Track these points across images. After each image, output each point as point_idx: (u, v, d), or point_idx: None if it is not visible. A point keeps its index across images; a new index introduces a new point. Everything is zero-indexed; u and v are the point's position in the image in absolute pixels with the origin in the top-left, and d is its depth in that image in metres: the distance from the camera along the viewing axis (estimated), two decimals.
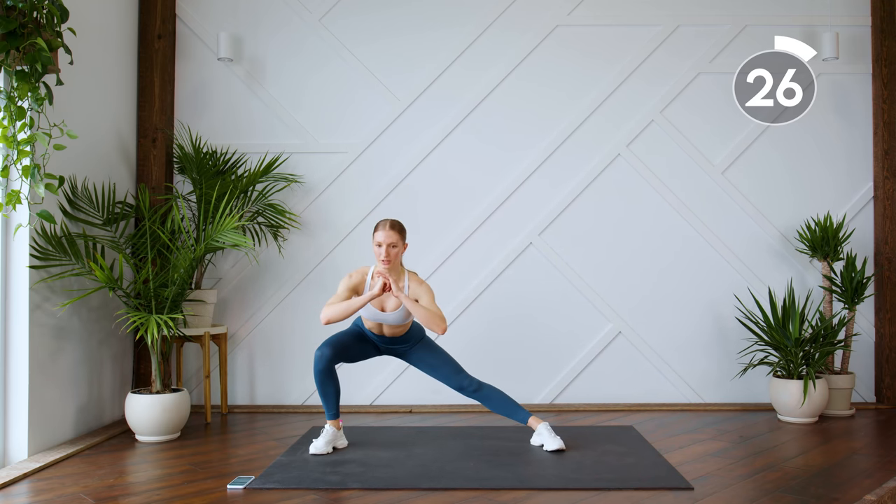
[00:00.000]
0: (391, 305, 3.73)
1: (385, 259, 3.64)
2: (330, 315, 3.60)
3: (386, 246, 3.64)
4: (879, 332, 4.90)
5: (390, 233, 3.66)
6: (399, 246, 3.68)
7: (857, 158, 4.99)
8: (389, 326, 3.80)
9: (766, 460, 3.60)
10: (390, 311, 3.73)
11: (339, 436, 3.81)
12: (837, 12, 4.96)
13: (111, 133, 4.53)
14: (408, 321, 3.80)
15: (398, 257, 3.69)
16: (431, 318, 3.58)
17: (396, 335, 3.84)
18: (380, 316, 3.73)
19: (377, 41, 5.01)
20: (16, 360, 3.66)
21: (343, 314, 3.60)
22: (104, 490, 3.18)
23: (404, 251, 3.74)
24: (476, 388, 3.82)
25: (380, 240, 3.66)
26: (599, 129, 4.99)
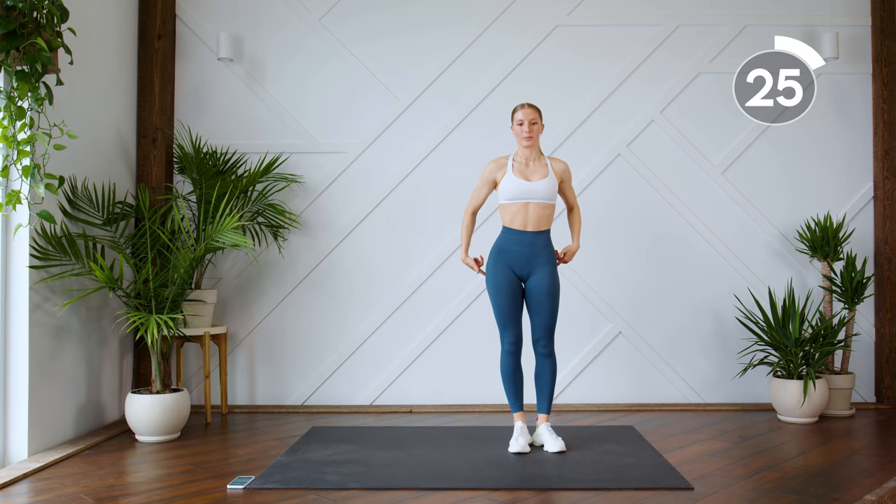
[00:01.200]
0: (538, 175, 3.80)
1: (528, 135, 3.78)
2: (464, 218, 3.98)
3: (528, 123, 3.79)
4: (879, 332, 4.90)
5: (530, 110, 3.80)
6: (539, 123, 3.82)
7: (857, 158, 4.99)
8: (536, 207, 3.77)
9: (766, 460, 3.60)
10: (537, 180, 3.78)
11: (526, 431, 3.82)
12: (837, 12, 4.96)
13: (111, 133, 4.53)
14: (553, 200, 3.82)
15: (538, 134, 3.83)
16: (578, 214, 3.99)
17: (541, 226, 3.81)
18: (527, 189, 3.75)
19: (377, 41, 5.01)
20: (16, 360, 3.66)
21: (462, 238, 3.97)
22: (104, 490, 3.18)
23: (542, 130, 3.88)
24: (546, 354, 3.86)
25: (521, 118, 3.80)
26: (599, 129, 4.99)
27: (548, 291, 3.81)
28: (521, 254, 3.80)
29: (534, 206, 3.77)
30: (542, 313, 3.82)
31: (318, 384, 4.93)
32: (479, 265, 3.92)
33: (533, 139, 3.79)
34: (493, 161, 3.89)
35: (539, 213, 3.78)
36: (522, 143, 3.81)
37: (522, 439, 3.73)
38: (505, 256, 3.82)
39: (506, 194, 3.79)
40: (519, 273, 3.84)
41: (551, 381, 3.86)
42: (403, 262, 4.96)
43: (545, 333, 3.83)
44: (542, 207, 3.78)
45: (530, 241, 3.80)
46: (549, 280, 3.82)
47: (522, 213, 3.78)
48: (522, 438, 3.74)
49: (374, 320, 4.94)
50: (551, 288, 3.82)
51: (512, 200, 3.78)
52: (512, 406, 3.88)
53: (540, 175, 3.79)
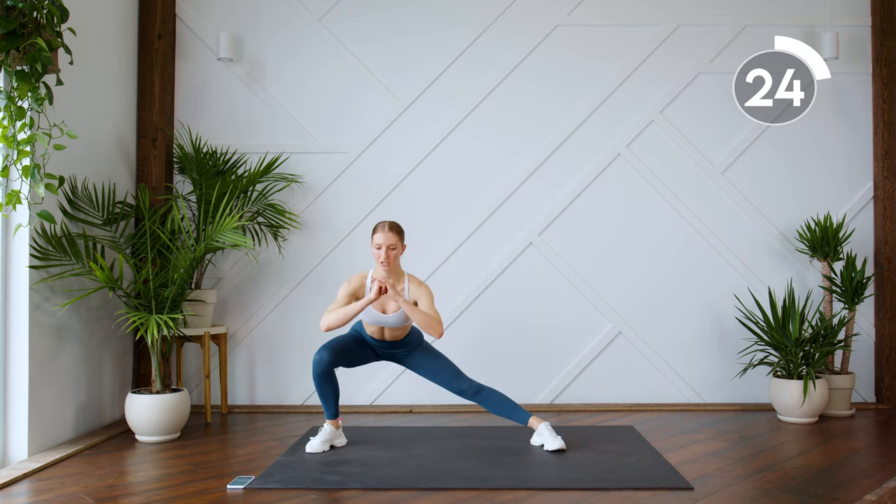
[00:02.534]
0: (392, 307, 3.74)
1: (385, 261, 3.66)
2: (330, 322, 3.62)
3: (385, 248, 3.66)
4: (879, 332, 4.90)
5: (389, 234, 3.68)
6: (398, 247, 3.70)
7: (857, 158, 4.99)
8: (390, 330, 3.80)
9: (766, 460, 3.60)
10: (391, 313, 3.73)
11: (337, 434, 3.83)
12: (837, 12, 4.96)
13: (111, 133, 4.53)
14: (408, 324, 3.80)
15: (397, 259, 3.71)
16: (429, 323, 3.60)
17: (397, 339, 3.85)
18: (380, 318, 3.74)
19: (377, 41, 5.01)
20: (16, 360, 3.66)
21: (343, 320, 3.61)
22: (104, 490, 3.18)
23: (403, 252, 3.75)
24: (476, 391, 3.83)
25: (379, 242, 3.67)
26: (599, 129, 4.99)
27: (427, 359, 3.88)
28: (382, 351, 3.90)
29: (388, 329, 3.81)
30: (440, 373, 3.86)
31: None
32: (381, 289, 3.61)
33: (391, 264, 3.68)
34: (350, 281, 3.75)
35: (394, 333, 3.83)
36: (379, 267, 3.72)
37: (318, 440, 3.74)
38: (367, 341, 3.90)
39: (362, 315, 3.76)
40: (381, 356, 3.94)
41: (504, 401, 3.85)
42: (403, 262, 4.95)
43: (458, 381, 3.84)
44: (396, 329, 3.81)
45: (389, 346, 3.88)
46: (423, 354, 3.89)
47: (379, 332, 3.83)
48: (319, 439, 3.74)
49: None
50: (426, 355, 3.89)
51: (367, 322, 3.80)
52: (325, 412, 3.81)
53: (395, 305, 3.71)
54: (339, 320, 3.61)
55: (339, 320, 3.61)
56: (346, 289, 3.73)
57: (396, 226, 3.74)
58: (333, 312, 3.63)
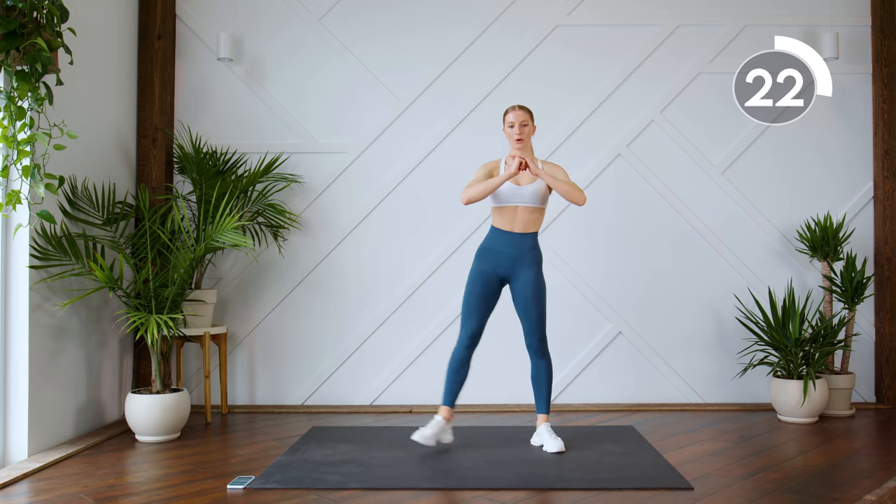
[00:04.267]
0: (527, 180, 3.79)
1: (518, 137, 3.77)
2: (471, 194, 3.71)
3: (518, 125, 3.77)
4: (879, 332, 4.90)
5: (520, 112, 3.80)
6: (529, 125, 3.82)
7: (857, 158, 4.99)
8: (524, 211, 3.77)
9: (766, 460, 3.60)
10: (525, 183, 3.77)
11: (446, 429, 3.79)
12: (837, 12, 4.96)
13: (111, 133, 4.53)
14: (542, 205, 3.81)
15: (530, 136, 3.83)
16: (571, 190, 3.70)
17: (529, 229, 3.80)
18: (516, 193, 3.74)
19: (377, 41, 5.01)
20: (16, 360, 3.66)
21: (484, 192, 3.69)
22: (104, 490, 3.18)
23: (534, 132, 3.87)
24: (541, 355, 3.85)
25: (512, 120, 3.79)
26: (599, 129, 4.99)
27: (534, 293, 3.80)
28: (506, 254, 3.80)
29: (522, 209, 3.78)
30: (531, 316, 3.82)
31: (317, 384, 4.93)
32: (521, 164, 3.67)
33: (524, 141, 3.78)
34: (485, 164, 3.87)
35: (527, 217, 3.79)
36: (514, 145, 3.80)
37: (430, 431, 3.71)
38: (489, 255, 3.82)
39: (495, 197, 3.78)
40: (502, 274, 3.83)
41: (548, 382, 3.86)
42: (403, 262, 4.96)
43: (537, 335, 3.83)
44: (530, 211, 3.78)
45: (517, 242, 3.80)
46: (535, 282, 3.81)
47: (511, 216, 3.79)
48: (430, 431, 3.71)
49: (374, 320, 4.94)
50: (537, 289, 3.81)
51: (500, 203, 3.79)
52: (443, 398, 3.81)
53: (529, 179, 3.78)
54: (480, 192, 3.69)
55: (480, 192, 3.69)
56: (483, 169, 3.85)
57: (526, 106, 3.86)
58: (474, 186, 3.72)
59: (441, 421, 3.76)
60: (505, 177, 3.67)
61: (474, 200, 3.70)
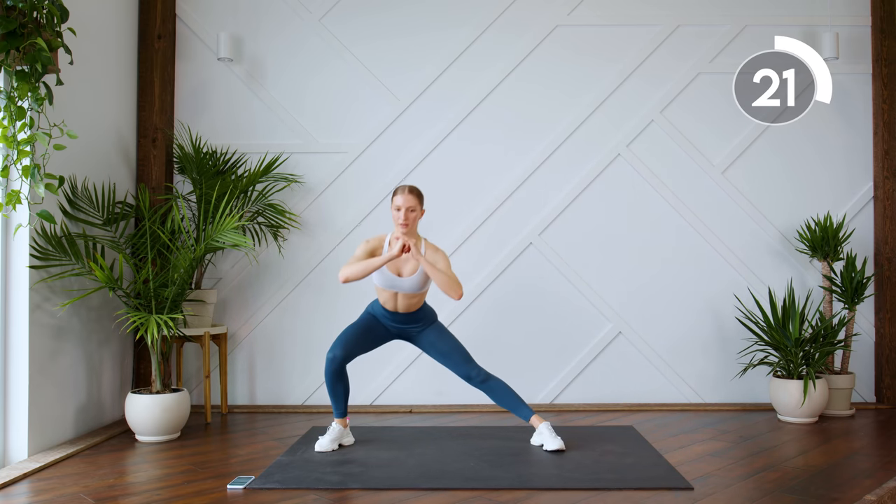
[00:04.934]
0: (408, 270, 3.75)
1: (403, 223, 3.69)
2: (349, 273, 3.65)
3: (405, 210, 3.70)
4: (879, 332, 4.90)
5: (409, 197, 3.72)
6: (417, 210, 3.75)
7: (857, 158, 4.99)
8: (404, 297, 3.78)
9: (766, 460, 3.60)
10: (407, 275, 3.74)
11: (345, 433, 3.85)
12: (837, 12, 4.96)
13: (111, 133, 4.53)
14: (422, 290, 3.80)
15: (416, 222, 3.76)
16: (449, 282, 3.62)
17: (410, 310, 3.83)
18: (396, 282, 3.73)
19: (377, 41, 5.01)
20: (16, 360, 3.66)
21: (362, 272, 3.64)
22: (104, 490, 3.18)
23: (421, 217, 3.80)
24: (483, 379, 3.83)
25: (399, 203, 3.71)
26: (599, 129, 4.99)
27: (441, 342, 3.86)
28: (394, 327, 3.88)
29: (402, 295, 3.79)
30: (453, 356, 3.85)
31: (318, 384, 4.93)
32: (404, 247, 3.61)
33: (409, 227, 3.71)
34: (368, 241, 3.80)
35: (407, 302, 3.81)
36: (398, 229, 3.73)
37: (328, 438, 3.75)
38: (378, 320, 3.89)
39: (376, 279, 3.77)
40: (392, 336, 3.92)
41: (509, 393, 3.85)
42: None
43: (468, 366, 3.83)
44: (409, 297, 3.80)
45: (402, 319, 3.86)
46: (436, 335, 3.88)
47: (392, 300, 3.81)
48: (328, 437, 3.76)
49: None
50: (441, 338, 3.87)
51: (381, 286, 3.79)
52: (335, 411, 3.83)
53: (410, 269, 3.74)
54: (358, 272, 3.64)
55: (358, 272, 3.64)
56: (364, 247, 3.77)
57: (416, 189, 3.78)
58: (354, 265, 3.66)
59: (339, 428, 3.81)
60: (386, 258, 3.62)
61: (352, 279, 3.64)
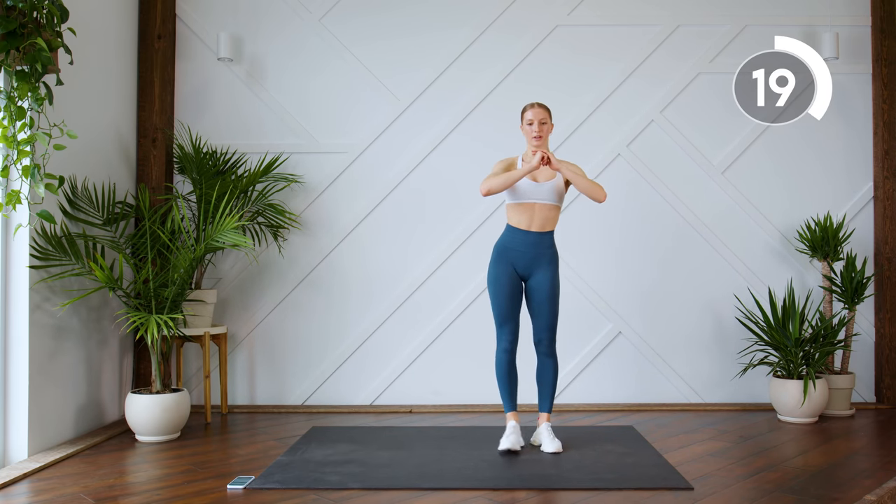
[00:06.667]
0: (544, 177, 3.79)
1: (538, 135, 3.76)
2: (490, 186, 3.70)
3: (537, 122, 3.77)
4: (879, 332, 4.90)
5: (539, 110, 3.79)
6: (549, 123, 3.81)
7: (857, 158, 4.99)
8: (541, 209, 3.76)
9: (766, 460, 3.60)
10: (543, 180, 3.77)
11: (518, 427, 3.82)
12: (837, 12, 4.96)
13: (111, 133, 4.53)
14: (558, 203, 3.81)
15: (548, 134, 3.82)
16: (591, 186, 3.73)
17: (545, 228, 3.80)
18: (535, 190, 3.74)
19: (377, 41, 5.01)
20: (16, 360, 3.66)
21: (504, 184, 3.68)
22: (104, 490, 3.18)
23: (552, 130, 3.85)
24: (548, 354, 3.86)
25: (531, 117, 3.78)
26: (599, 128, 4.99)
27: (549, 293, 3.82)
28: (525, 254, 3.80)
29: (539, 206, 3.77)
30: (544, 314, 3.82)
31: (318, 384, 4.93)
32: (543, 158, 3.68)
33: (542, 139, 3.78)
34: (502, 160, 3.88)
35: (545, 215, 3.79)
36: (532, 142, 3.79)
37: (514, 437, 3.73)
38: (508, 255, 3.82)
39: (512, 194, 3.78)
40: (521, 272, 3.83)
41: (553, 381, 3.87)
42: (404, 262, 4.96)
43: (547, 334, 3.83)
44: (548, 209, 3.78)
45: (535, 241, 3.80)
46: (551, 282, 3.83)
47: (528, 214, 3.78)
48: (514, 436, 3.73)
49: (374, 320, 4.94)
50: (552, 289, 3.83)
51: (518, 200, 3.78)
52: (505, 405, 3.86)
53: (547, 176, 3.79)
54: (500, 184, 3.67)
55: (500, 184, 3.67)
56: (501, 164, 3.83)
57: (544, 104, 3.85)
58: (494, 178, 3.71)
59: (514, 425, 3.79)
60: (526, 170, 3.67)
61: (494, 192, 3.70)
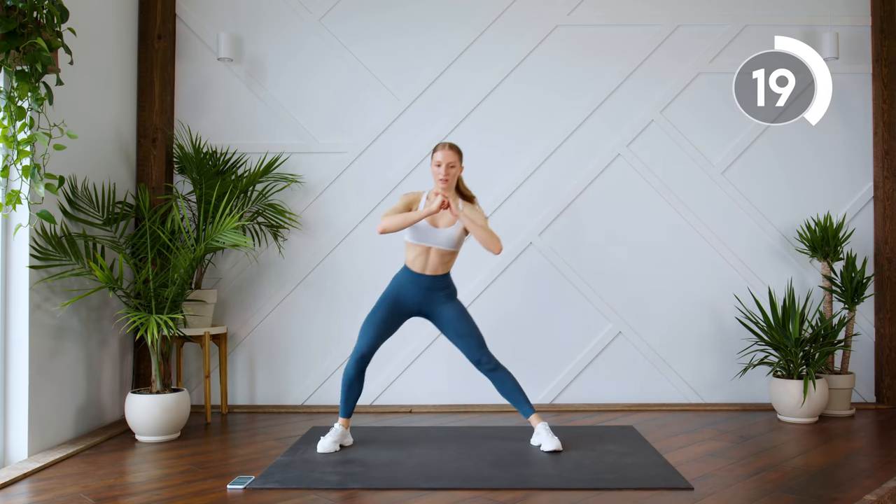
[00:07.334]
0: (444, 222, 3.74)
1: (444, 178, 3.70)
2: (387, 224, 3.65)
3: (445, 165, 3.71)
4: (879, 332, 4.90)
5: (449, 152, 3.72)
6: (457, 166, 3.75)
7: (857, 158, 4.99)
8: (436, 254, 3.74)
9: (766, 460, 3.60)
10: (443, 226, 3.73)
11: (345, 434, 3.85)
12: (837, 12, 4.96)
13: (111, 133, 4.53)
14: (455, 249, 3.77)
15: (455, 178, 3.76)
16: (488, 237, 3.63)
17: (438, 272, 3.79)
18: (431, 235, 3.71)
19: (377, 41, 5.01)
20: (16, 360, 3.66)
21: (400, 225, 3.64)
22: (104, 490, 3.18)
23: (460, 173, 3.79)
24: (492, 368, 3.81)
25: (439, 159, 3.72)
26: (599, 129, 4.99)
27: (459, 318, 3.82)
28: (417, 294, 3.80)
29: (435, 251, 3.75)
30: (466, 335, 3.81)
31: (318, 384, 4.93)
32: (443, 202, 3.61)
33: (448, 182, 3.71)
34: (406, 195, 3.81)
35: (439, 259, 3.77)
36: (438, 185, 3.72)
37: (330, 439, 3.74)
38: (400, 291, 3.82)
39: (411, 232, 3.75)
40: (417, 311, 3.85)
41: (516, 386, 3.84)
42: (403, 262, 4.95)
43: (480, 351, 3.81)
44: (443, 254, 3.76)
45: (427, 284, 3.79)
46: (456, 309, 3.83)
47: (423, 257, 3.77)
48: (330, 438, 3.75)
49: None
50: (460, 314, 3.83)
51: (414, 241, 3.76)
52: (341, 411, 3.82)
53: (447, 222, 3.73)
54: (396, 224, 3.63)
55: (396, 224, 3.63)
56: (403, 200, 3.79)
57: (456, 146, 3.78)
58: (392, 217, 3.66)
59: (340, 429, 3.80)
60: (424, 213, 3.60)
61: (390, 231, 3.64)
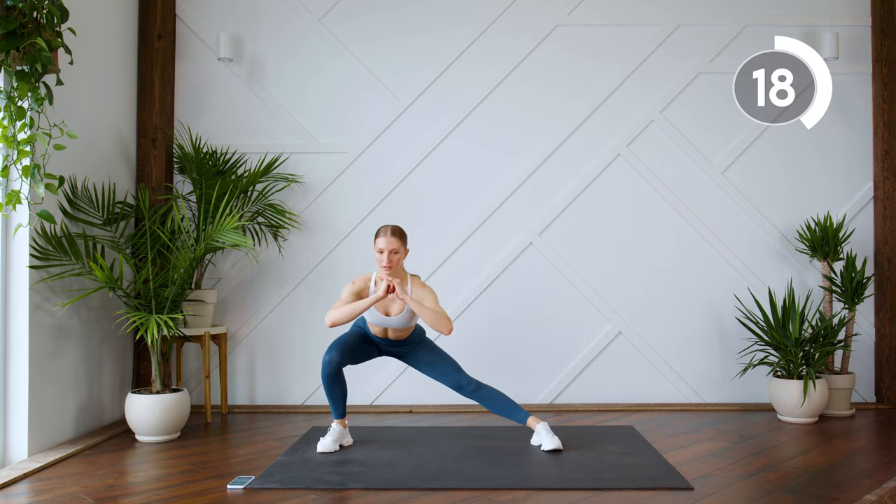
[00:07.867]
0: (395, 309, 3.74)
1: (387, 265, 3.66)
2: (335, 318, 3.63)
3: (388, 252, 3.66)
4: (879, 332, 4.90)
5: (391, 239, 3.67)
6: (401, 252, 3.69)
7: (857, 158, 4.99)
8: (394, 330, 3.82)
9: (766, 460, 3.60)
10: (395, 314, 3.74)
11: (344, 434, 3.85)
12: (837, 12, 4.96)
13: (111, 133, 4.53)
14: (411, 325, 3.81)
15: (399, 263, 3.71)
16: (437, 319, 3.59)
17: (400, 338, 3.87)
18: (384, 321, 3.75)
19: (377, 41, 5.01)
20: (16, 360, 3.66)
21: (348, 316, 3.62)
22: (104, 490, 3.18)
23: (405, 256, 3.75)
24: (475, 389, 3.83)
25: (381, 246, 3.67)
26: (599, 129, 4.99)
27: (428, 352, 3.89)
28: (385, 349, 3.92)
29: (391, 329, 3.82)
30: (439, 365, 3.86)
31: (317, 384, 4.93)
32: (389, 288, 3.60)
33: (393, 269, 3.67)
34: (354, 282, 3.75)
35: (397, 333, 3.84)
36: (381, 271, 3.68)
37: (329, 439, 3.76)
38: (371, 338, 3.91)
39: (366, 316, 3.79)
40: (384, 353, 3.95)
41: (503, 400, 3.86)
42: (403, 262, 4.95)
43: (458, 376, 3.84)
44: (399, 330, 3.83)
45: (393, 344, 3.89)
46: (424, 350, 3.90)
47: (383, 332, 3.85)
48: (330, 438, 3.76)
49: None
50: (432, 353, 3.89)
51: (371, 323, 3.81)
52: (333, 413, 3.82)
53: (398, 308, 3.73)
54: (345, 316, 3.62)
55: (345, 316, 3.62)
56: (350, 288, 3.74)
57: (399, 230, 3.73)
58: (339, 309, 3.64)
59: (339, 428, 3.80)
60: (371, 300, 3.60)
61: (339, 324, 3.62)
